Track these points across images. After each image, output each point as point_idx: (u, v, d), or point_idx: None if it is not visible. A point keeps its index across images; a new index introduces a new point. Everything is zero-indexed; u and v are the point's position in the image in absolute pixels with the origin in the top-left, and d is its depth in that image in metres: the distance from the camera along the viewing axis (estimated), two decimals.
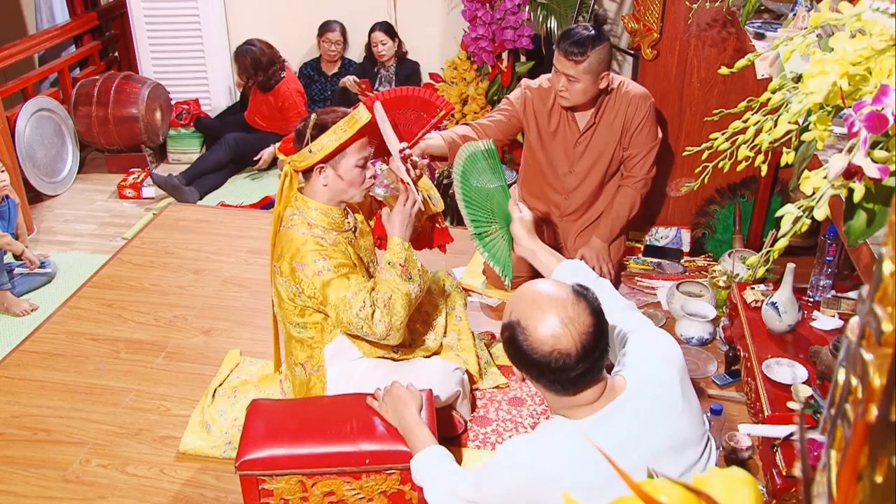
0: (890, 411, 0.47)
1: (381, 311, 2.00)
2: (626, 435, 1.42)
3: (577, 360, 1.37)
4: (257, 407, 2.02)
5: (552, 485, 1.39)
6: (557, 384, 1.41)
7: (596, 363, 1.40)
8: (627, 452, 1.39)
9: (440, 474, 1.68)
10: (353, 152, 2.08)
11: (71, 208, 4.08)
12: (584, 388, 1.42)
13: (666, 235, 3.31)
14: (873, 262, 1.06)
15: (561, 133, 2.85)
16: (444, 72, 3.95)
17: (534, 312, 1.40)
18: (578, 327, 1.38)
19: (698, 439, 1.49)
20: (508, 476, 1.46)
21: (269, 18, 4.73)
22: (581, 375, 1.40)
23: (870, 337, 0.51)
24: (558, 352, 1.38)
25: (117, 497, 2.22)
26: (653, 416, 1.44)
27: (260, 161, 4.22)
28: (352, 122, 2.05)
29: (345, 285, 2.02)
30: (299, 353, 2.22)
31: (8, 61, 4.09)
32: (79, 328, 2.96)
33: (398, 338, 2.06)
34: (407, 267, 2.07)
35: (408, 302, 2.04)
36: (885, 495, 0.48)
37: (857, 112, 0.92)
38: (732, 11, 2.71)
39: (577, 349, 1.37)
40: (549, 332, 1.38)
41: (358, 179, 2.12)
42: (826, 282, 2.48)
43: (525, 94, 2.88)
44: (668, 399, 1.47)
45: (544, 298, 1.42)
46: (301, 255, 2.04)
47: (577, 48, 2.58)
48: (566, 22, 3.93)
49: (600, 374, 1.44)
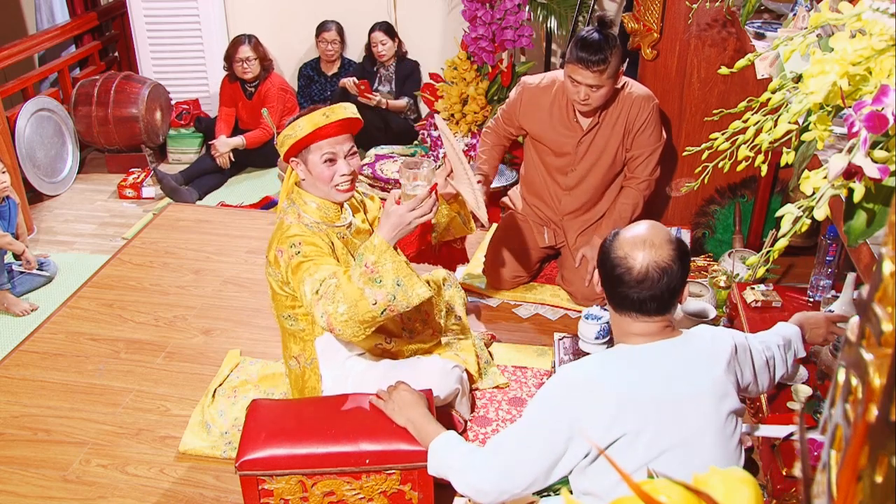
0: (890, 411, 0.47)
1: (324, 302, 1.90)
2: (674, 365, 1.51)
3: (636, 279, 1.49)
4: (257, 407, 2.02)
5: (599, 387, 1.47)
6: (617, 297, 1.53)
7: (661, 296, 1.50)
8: (673, 382, 1.49)
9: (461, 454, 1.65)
10: (318, 148, 2.06)
11: (71, 208, 4.07)
12: (644, 316, 1.52)
13: None
14: (873, 262, 1.06)
15: (563, 132, 2.84)
16: (443, 72, 3.94)
17: (632, 227, 1.57)
18: (654, 255, 1.49)
19: (738, 402, 1.57)
20: (557, 389, 1.52)
21: (269, 18, 4.73)
22: (642, 301, 1.50)
23: (870, 337, 0.52)
24: (625, 262, 1.50)
25: (117, 497, 2.22)
26: (701, 359, 1.54)
27: (213, 148, 4.23)
28: (315, 117, 2.03)
29: (309, 270, 1.97)
30: (293, 346, 2.24)
31: (8, 61, 4.09)
32: (79, 328, 2.96)
33: (349, 336, 1.93)
34: (376, 270, 1.88)
35: (354, 302, 1.86)
36: (885, 495, 0.48)
37: (857, 112, 0.92)
38: (732, 11, 2.71)
39: (641, 270, 1.49)
40: (630, 244, 1.52)
41: (325, 174, 2.07)
42: (826, 282, 2.48)
43: (522, 96, 2.87)
44: (717, 356, 1.56)
45: (649, 224, 1.57)
46: (281, 241, 2.05)
47: (598, 55, 2.54)
48: (566, 22, 3.93)
49: (665, 311, 1.53)
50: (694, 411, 1.48)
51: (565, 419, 1.47)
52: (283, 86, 4.40)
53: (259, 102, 4.31)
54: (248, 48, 4.23)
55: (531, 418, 1.54)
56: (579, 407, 1.47)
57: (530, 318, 2.99)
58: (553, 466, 1.50)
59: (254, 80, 4.31)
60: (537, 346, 2.81)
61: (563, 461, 1.49)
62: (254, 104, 4.33)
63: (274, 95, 4.29)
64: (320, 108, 2.07)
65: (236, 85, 4.35)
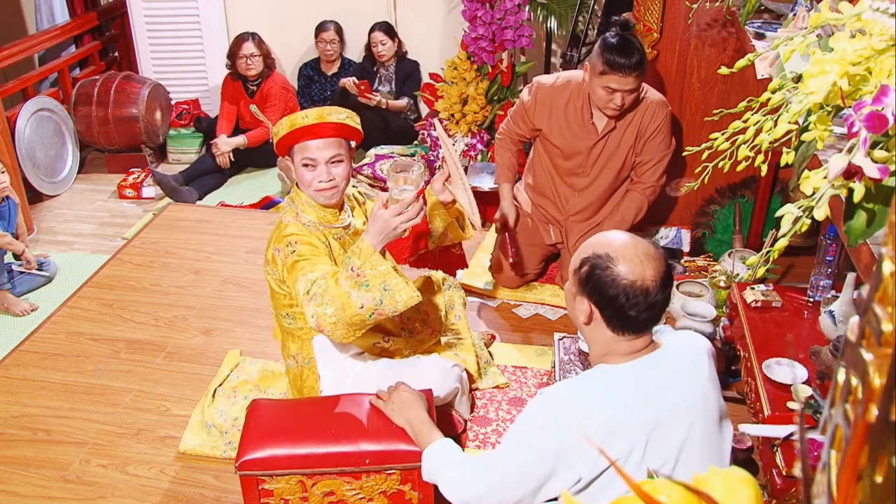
0: (890, 411, 0.47)
1: (314, 303, 1.90)
2: (661, 381, 1.49)
3: (651, 302, 1.45)
4: (257, 407, 2.02)
5: (586, 417, 1.44)
6: (624, 322, 1.48)
7: (659, 311, 1.48)
8: (661, 399, 1.46)
9: (452, 463, 1.66)
10: (300, 150, 2.07)
11: (71, 208, 4.07)
12: (638, 335, 1.50)
13: (666, 235, 3.31)
14: (873, 262, 1.06)
15: (579, 134, 2.82)
16: (443, 72, 3.94)
17: (619, 249, 1.49)
18: (657, 268, 1.47)
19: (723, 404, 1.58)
20: (542, 415, 1.49)
21: (269, 18, 4.73)
22: (646, 320, 1.47)
23: (870, 337, 0.52)
24: (640, 285, 1.45)
25: (117, 497, 2.22)
26: (686, 370, 1.53)
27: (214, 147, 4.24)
28: (293, 119, 2.04)
29: (303, 269, 1.98)
30: (291, 345, 2.24)
31: (8, 61, 4.09)
32: (79, 328, 2.96)
33: (339, 337, 1.93)
34: (362, 274, 1.87)
35: (341, 305, 1.86)
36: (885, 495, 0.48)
37: (857, 112, 0.92)
38: (732, 11, 2.71)
39: (655, 285, 1.46)
40: (634, 266, 1.46)
41: (304, 178, 2.08)
42: (826, 282, 2.48)
43: (536, 95, 2.85)
44: (698, 362, 1.55)
45: (625, 238, 1.52)
46: (278, 240, 2.06)
47: (635, 57, 2.52)
48: (566, 22, 3.92)
49: (655, 325, 1.52)
50: (685, 423, 1.46)
51: (552, 449, 1.45)
52: (285, 85, 4.40)
53: (261, 101, 4.31)
54: (251, 45, 4.24)
55: (518, 441, 1.51)
56: (566, 442, 1.43)
57: (530, 318, 2.99)
58: (540, 487, 1.48)
59: (256, 78, 4.32)
60: (537, 346, 2.81)
61: (551, 484, 1.47)
62: (256, 103, 4.33)
63: (276, 94, 4.30)
64: (314, 109, 2.07)
65: (238, 83, 4.36)
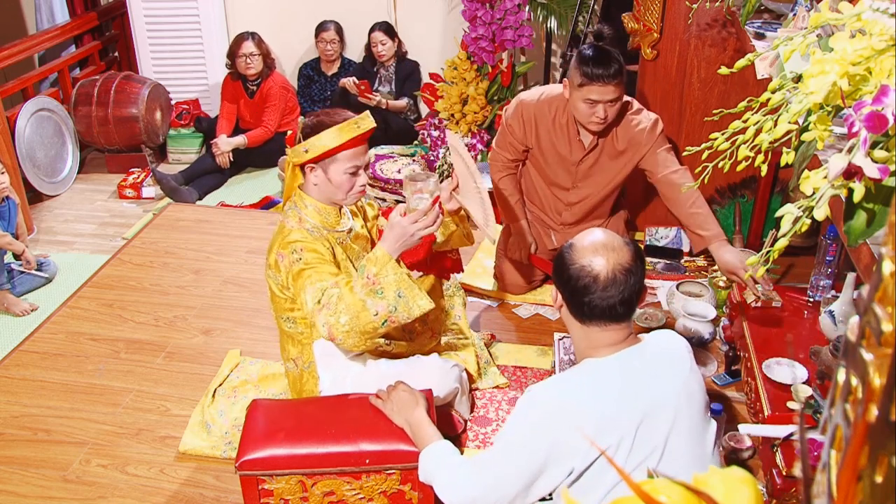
0: (890, 411, 0.47)
1: (326, 312, 1.92)
2: (645, 373, 1.51)
3: (603, 285, 1.48)
4: (257, 407, 2.02)
5: (576, 414, 1.45)
6: (580, 307, 1.51)
7: (629, 298, 1.50)
8: (646, 390, 1.48)
9: (448, 466, 1.66)
10: (345, 158, 2.05)
11: (71, 208, 4.07)
12: (614, 323, 1.52)
13: (666, 235, 3.31)
14: (873, 262, 1.06)
15: (565, 150, 2.80)
16: (443, 72, 3.94)
17: (585, 236, 1.56)
18: (617, 258, 1.49)
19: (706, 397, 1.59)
20: (533, 413, 1.50)
21: (269, 18, 4.73)
22: (611, 307, 1.49)
23: (870, 337, 0.51)
24: (588, 270, 1.49)
25: (117, 497, 2.22)
26: (668, 363, 1.55)
27: (214, 147, 4.23)
28: (347, 129, 2.02)
29: (310, 278, 1.98)
30: (291, 348, 2.24)
31: (8, 61, 4.09)
32: (79, 328, 2.96)
33: (350, 346, 1.96)
34: (377, 281, 1.90)
35: (356, 314, 1.89)
36: (885, 495, 0.48)
37: (857, 112, 0.92)
38: (732, 11, 2.70)
39: (606, 275, 1.48)
40: (589, 252, 1.51)
41: (346, 185, 2.08)
42: (826, 282, 2.48)
43: (522, 113, 2.81)
44: (680, 356, 1.58)
45: (600, 233, 1.57)
46: (283, 246, 2.05)
47: (613, 66, 2.49)
48: (566, 22, 3.92)
49: (627, 318, 1.53)
50: (670, 415, 1.48)
51: (544, 445, 1.46)
52: (285, 84, 4.40)
53: (261, 101, 4.31)
54: (251, 44, 4.24)
55: (511, 440, 1.53)
56: (558, 437, 1.45)
57: (530, 318, 2.99)
58: (532, 483, 1.49)
59: (256, 78, 4.32)
60: (537, 346, 2.81)
61: (543, 479, 1.49)
62: (256, 103, 4.33)
63: (276, 94, 4.30)
64: (349, 118, 2.04)
65: (238, 83, 4.36)
